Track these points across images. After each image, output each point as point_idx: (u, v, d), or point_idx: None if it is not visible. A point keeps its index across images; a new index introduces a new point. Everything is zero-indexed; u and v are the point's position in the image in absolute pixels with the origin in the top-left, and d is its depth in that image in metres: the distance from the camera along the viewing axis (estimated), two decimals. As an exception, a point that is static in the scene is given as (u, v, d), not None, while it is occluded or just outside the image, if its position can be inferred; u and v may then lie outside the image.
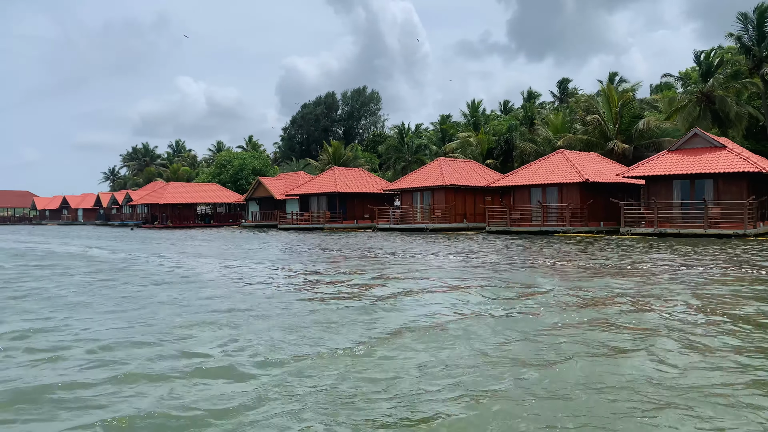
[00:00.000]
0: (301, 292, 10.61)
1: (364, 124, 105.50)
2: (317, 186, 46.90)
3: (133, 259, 19.34)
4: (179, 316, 8.36)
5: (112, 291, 11.18)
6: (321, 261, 17.23)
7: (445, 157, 43.88)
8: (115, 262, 17.70)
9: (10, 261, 19.05)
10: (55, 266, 16.81)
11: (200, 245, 27.07)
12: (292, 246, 25.25)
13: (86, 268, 16.09)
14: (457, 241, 26.07)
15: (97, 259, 19.47)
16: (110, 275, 14.15)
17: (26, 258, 20.16)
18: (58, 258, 19.66)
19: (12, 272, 15.24)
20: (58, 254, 21.32)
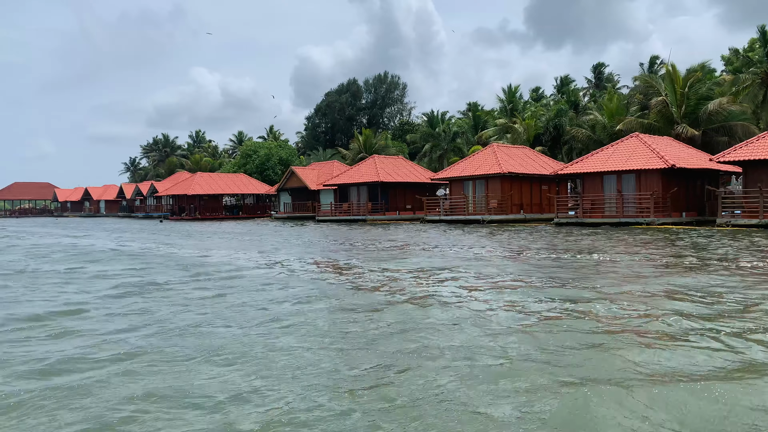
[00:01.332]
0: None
1: (389, 112, 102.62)
2: (357, 175, 44.31)
3: (223, 259, 16.88)
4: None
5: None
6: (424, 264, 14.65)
7: (498, 143, 40.96)
8: (217, 266, 14.80)
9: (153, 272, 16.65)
10: (166, 273, 14.32)
11: (252, 240, 24.59)
12: (350, 240, 22.68)
13: (202, 276, 13.44)
14: (538, 235, 23.33)
15: (190, 262, 17.02)
16: (251, 286, 11.64)
17: (138, 260, 17.73)
18: (149, 260, 16.86)
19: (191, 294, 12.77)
20: (141, 255, 18.60)
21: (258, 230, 33.85)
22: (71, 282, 11.39)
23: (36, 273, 13.14)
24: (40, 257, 17.27)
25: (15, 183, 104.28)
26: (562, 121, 48.67)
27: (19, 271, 13.41)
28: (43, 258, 17.00)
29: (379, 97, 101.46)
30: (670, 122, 39.58)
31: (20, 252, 19.38)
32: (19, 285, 10.99)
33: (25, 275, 12.70)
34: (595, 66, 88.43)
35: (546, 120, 49.99)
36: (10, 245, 23.28)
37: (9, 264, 15.18)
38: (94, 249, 20.57)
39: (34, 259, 16.78)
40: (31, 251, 19.72)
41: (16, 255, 18.18)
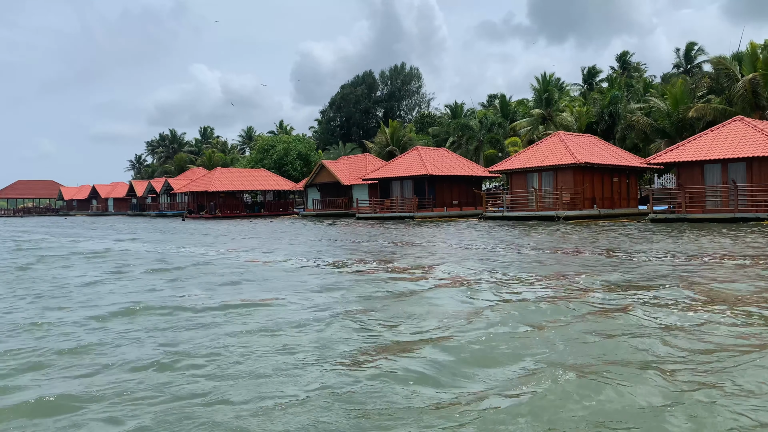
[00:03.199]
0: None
1: (406, 104, 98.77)
2: (401, 168, 40.55)
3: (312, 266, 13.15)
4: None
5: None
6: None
7: (564, 131, 37.17)
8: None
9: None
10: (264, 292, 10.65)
11: (304, 243, 20.85)
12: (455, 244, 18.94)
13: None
14: (667, 235, 19.59)
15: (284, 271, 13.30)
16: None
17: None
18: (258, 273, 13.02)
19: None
20: (239, 266, 14.76)
21: (296, 229, 30.09)
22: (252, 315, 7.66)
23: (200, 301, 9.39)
24: (149, 272, 13.52)
25: (18, 181, 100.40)
26: (617, 109, 44.86)
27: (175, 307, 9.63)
28: (153, 273, 13.26)
29: (396, 88, 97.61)
30: (756, 107, 35.84)
31: (106, 265, 15.63)
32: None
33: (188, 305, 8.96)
34: (619, 55, 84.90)
35: (600, 107, 46.16)
36: (72, 251, 19.51)
37: (155, 292, 11.37)
38: (168, 255, 16.85)
39: (147, 273, 13.04)
40: (114, 262, 15.99)
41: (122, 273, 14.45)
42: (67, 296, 9.47)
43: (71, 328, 6.87)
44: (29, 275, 12.54)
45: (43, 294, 9.74)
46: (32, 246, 21.44)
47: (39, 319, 7.35)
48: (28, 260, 16.04)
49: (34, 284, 11.02)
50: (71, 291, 10.03)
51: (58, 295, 9.63)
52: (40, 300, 9.12)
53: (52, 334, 6.57)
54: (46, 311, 8.06)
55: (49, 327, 6.90)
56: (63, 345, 5.98)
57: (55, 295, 9.64)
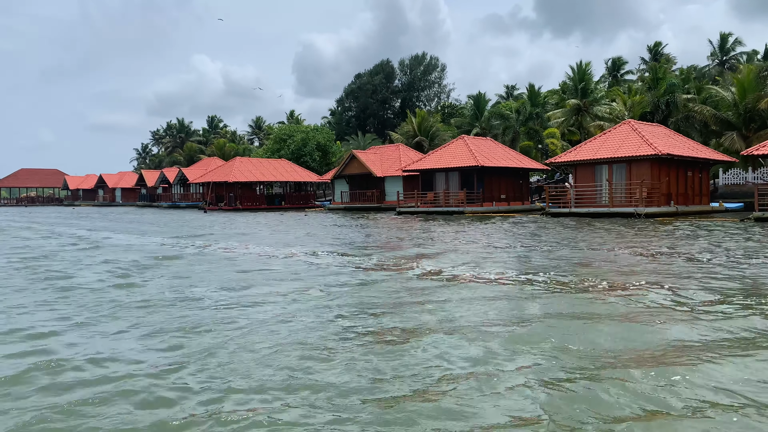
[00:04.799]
0: None
1: (426, 95, 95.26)
2: (446, 159, 37.29)
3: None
4: None
5: None
6: None
7: (633, 120, 33.88)
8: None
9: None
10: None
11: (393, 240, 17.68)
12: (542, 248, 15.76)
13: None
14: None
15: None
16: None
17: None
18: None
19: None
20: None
21: (357, 227, 26.87)
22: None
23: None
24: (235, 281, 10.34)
25: (21, 169, 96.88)
26: (675, 98, 41.59)
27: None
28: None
29: (416, 78, 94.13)
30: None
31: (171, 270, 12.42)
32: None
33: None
34: (651, 46, 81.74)
35: (656, 96, 42.89)
36: (127, 247, 16.32)
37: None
38: (236, 256, 13.66)
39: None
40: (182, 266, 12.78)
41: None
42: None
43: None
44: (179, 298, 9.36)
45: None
46: (101, 245, 17.96)
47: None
48: (144, 269, 12.86)
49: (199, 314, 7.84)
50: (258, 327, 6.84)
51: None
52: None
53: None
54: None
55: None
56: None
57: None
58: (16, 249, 16.01)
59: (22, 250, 15.84)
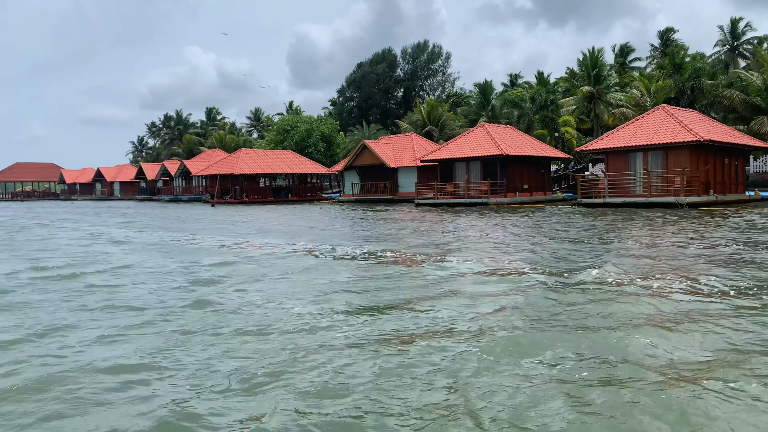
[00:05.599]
0: None
1: (429, 83, 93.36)
2: (466, 148, 35.71)
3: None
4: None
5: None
6: None
7: (668, 105, 32.34)
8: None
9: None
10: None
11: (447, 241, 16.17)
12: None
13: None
14: None
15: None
16: None
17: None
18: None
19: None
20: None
21: (371, 220, 25.33)
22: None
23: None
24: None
25: (16, 163, 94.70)
26: (700, 83, 40.06)
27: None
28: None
29: (419, 67, 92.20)
30: None
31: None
32: None
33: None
34: (662, 32, 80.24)
35: (680, 81, 41.34)
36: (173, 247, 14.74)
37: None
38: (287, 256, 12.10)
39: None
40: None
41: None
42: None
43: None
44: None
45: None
46: (169, 247, 15.98)
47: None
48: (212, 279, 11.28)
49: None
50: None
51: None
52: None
53: None
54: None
55: None
56: None
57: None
58: (99, 257, 14.36)
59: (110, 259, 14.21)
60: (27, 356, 5.23)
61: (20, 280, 9.42)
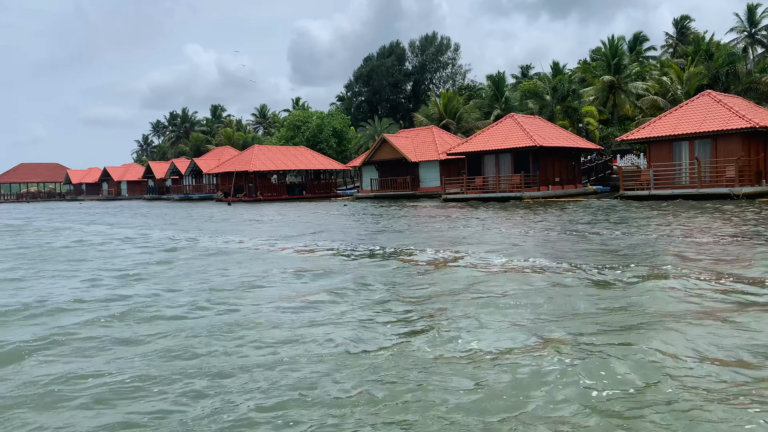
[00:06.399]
0: None
1: (440, 76, 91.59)
2: (496, 140, 34.18)
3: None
4: None
5: None
6: None
7: (712, 91, 30.74)
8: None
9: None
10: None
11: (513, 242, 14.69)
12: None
13: None
14: None
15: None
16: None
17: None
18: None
19: None
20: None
21: (409, 219, 23.88)
22: None
23: None
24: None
25: (21, 164, 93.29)
26: (735, 68, 38.47)
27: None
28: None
29: (428, 60, 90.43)
30: None
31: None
32: None
33: None
34: (677, 20, 78.64)
35: (714, 68, 39.75)
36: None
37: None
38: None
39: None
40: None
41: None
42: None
43: None
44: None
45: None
46: (221, 250, 14.04)
47: None
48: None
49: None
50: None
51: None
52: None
53: None
54: None
55: None
56: None
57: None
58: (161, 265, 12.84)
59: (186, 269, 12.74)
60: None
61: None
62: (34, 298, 7.70)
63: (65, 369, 4.74)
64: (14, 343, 5.54)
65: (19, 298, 7.76)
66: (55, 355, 5.16)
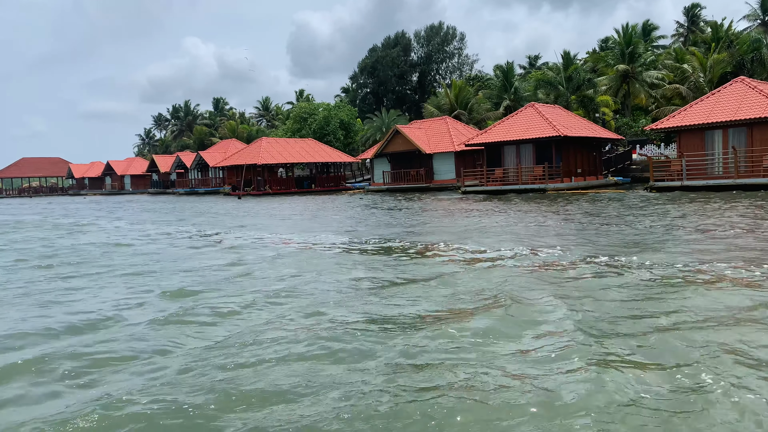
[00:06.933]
0: None
1: (446, 67, 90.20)
2: (516, 130, 33.10)
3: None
4: None
5: None
6: None
7: (745, 77, 29.62)
8: None
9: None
10: None
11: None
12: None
13: None
14: None
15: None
16: None
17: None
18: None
19: None
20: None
21: (451, 215, 22.85)
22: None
23: None
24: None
25: (23, 159, 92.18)
26: (761, 54, 37.30)
27: None
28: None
29: (433, 50, 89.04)
30: None
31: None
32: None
33: None
34: (688, 8, 77.18)
35: (738, 54, 38.59)
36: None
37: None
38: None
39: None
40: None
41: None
42: None
43: None
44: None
45: None
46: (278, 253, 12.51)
47: None
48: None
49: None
50: None
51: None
52: None
53: None
54: None
55: None
56: None
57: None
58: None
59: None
60: None
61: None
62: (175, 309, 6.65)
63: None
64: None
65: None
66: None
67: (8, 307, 6.96)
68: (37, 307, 6.91)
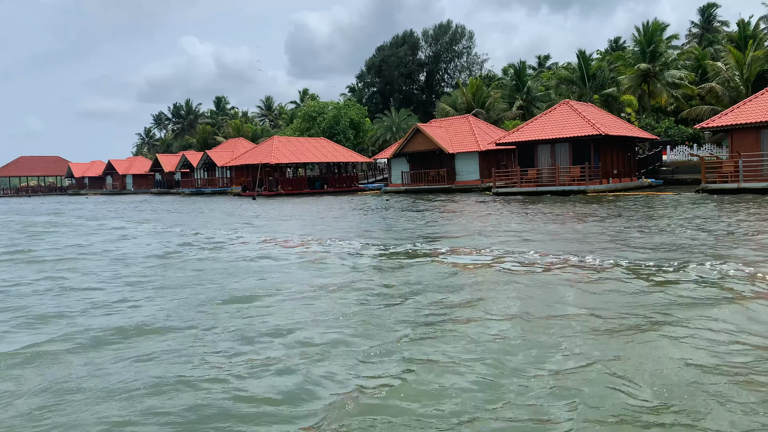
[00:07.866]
0: None
1: (454, 66, 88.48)
2: (551, 128, 31.42)
3: None
4: None
5: None
6: None
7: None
8: None
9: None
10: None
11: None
12: None
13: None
14: None
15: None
16: None
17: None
18: None
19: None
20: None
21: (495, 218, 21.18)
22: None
23: None
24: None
25: (21, 157, 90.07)
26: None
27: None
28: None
29: (442, 50, 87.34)
30: None
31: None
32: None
33: None
34: (703, 8, 75.79)
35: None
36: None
37: None
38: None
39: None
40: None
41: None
42: None
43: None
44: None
45: None
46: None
47: None
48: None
49: None
50: None
51: None
52: None
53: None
54: None
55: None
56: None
57: None
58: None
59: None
60: None
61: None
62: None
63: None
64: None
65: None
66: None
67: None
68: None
